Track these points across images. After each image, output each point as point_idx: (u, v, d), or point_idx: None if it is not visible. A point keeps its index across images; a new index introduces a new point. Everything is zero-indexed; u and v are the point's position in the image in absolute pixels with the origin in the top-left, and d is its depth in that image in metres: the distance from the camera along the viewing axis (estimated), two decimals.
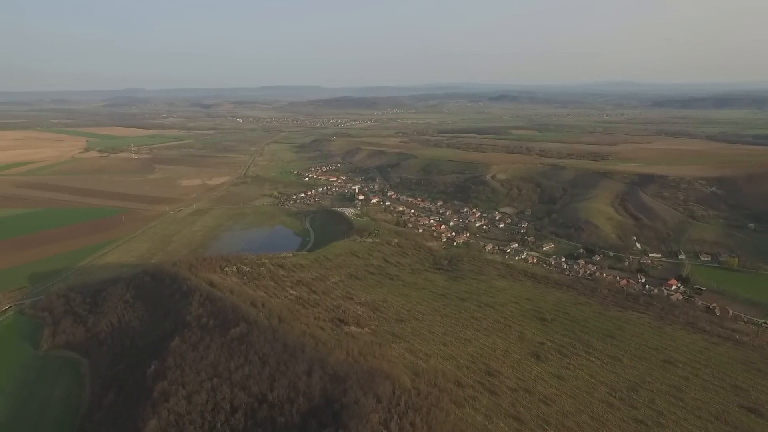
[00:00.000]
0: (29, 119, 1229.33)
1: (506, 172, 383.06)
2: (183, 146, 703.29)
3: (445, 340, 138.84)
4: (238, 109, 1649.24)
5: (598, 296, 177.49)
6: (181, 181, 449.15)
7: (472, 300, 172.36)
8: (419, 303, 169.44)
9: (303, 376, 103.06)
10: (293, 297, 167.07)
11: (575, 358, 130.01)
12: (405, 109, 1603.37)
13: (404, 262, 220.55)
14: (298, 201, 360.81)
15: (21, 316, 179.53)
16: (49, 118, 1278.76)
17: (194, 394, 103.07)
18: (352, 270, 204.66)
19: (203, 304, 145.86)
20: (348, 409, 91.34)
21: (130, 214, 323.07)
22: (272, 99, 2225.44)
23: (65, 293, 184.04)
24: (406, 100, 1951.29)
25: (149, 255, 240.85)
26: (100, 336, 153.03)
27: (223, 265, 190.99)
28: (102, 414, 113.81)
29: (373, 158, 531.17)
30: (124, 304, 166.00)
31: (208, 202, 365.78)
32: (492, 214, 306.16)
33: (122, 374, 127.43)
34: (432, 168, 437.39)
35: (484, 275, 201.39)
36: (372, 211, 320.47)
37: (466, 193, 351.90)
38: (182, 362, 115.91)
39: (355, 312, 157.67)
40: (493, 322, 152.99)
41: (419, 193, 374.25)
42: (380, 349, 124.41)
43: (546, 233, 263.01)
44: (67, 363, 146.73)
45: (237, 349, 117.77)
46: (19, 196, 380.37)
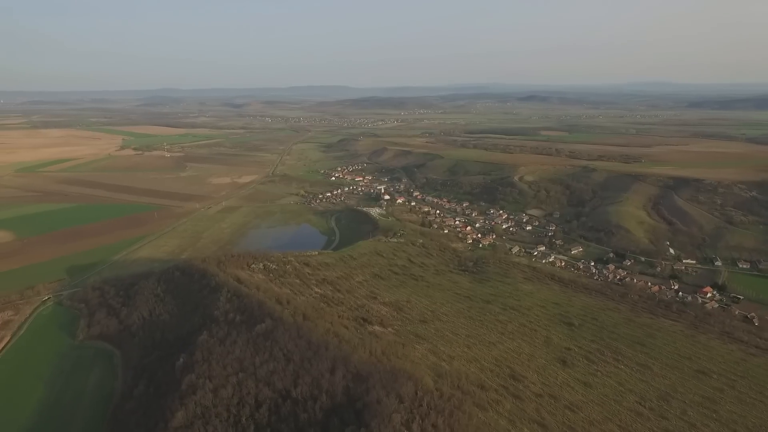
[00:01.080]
0: (70, 118, 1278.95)
1: (534, 173, 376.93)
2: (214, 145, 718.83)
3: (468, 343, 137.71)
4: (267, 109, 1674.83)
5: (628, 302, 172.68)
6: (212, 179, 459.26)
7: (497, 303, 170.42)
8: (443, 304, 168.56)
9: (326, 373, 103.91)
10: (318, 295, 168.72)
11: (603, 365, 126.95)
12: (432, 109, 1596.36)
13: (429, 263, 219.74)
14: (324, 200, 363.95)
15: (59, 306, 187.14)
16: (88, 117, 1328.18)
17: (220, 388, 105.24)
18: (376, 270, 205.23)
19: (230, 299, 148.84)
20: (370, 408, 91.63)
21: (163, 210, 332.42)
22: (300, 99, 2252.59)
23: (100, 286, 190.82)
24: (433, 101, 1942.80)
25: (179, 251, 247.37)
26: (132, 328, 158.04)
27: (250, 262, 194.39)
28: (133, 403, 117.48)
29: (400, 158, 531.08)
30: (155, 297, 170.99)
31: (236, 199, 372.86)
32: (519, 216, 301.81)
33: (152, 366, 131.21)
34: (458, 169, 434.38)
35: (509, 278, 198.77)
36: (397, 211, 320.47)
37: (493, 194, 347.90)
38: (209, 356, 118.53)
39: (378, 311, 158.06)
40: (519, 326, 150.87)
41: (445, 194, 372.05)
42: (403, 349, 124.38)
43: (574, 236, 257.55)
44: (100, 353, 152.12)
45: (262, 345, 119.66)
46: (59, 191, 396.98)
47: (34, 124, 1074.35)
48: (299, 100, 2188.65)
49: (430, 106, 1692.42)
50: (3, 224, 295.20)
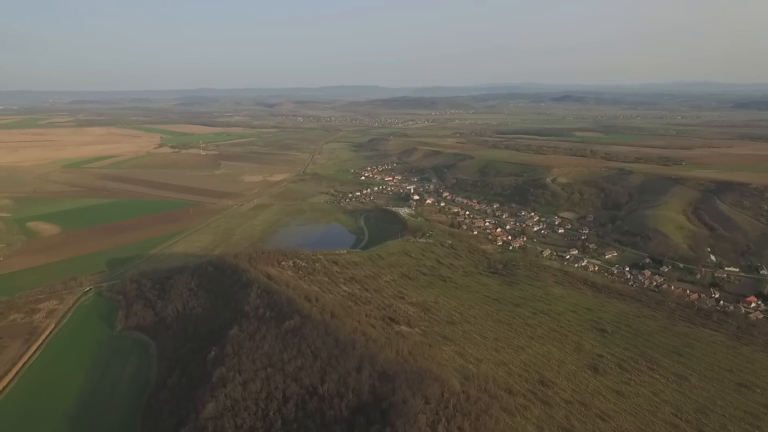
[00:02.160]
0: (112, 117, 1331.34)
1: (568, 175, 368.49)
2: (247, 144, 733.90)
3: (497, 346, 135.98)
4: (299, 109, 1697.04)
5: (665, 310, 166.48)
6: (244, 177, 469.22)
7: (526, 306, 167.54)
8: (471, 306, 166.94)
9: (353, 372, 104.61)
10: (346, 293, 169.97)
11: (637, 374, 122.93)
12: (463, 109, 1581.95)
13: (457, 264, 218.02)
14: (353, 199, 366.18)
15: (100, 297, 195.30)
16: (129, 115, 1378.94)
17: (249, 382, 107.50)
18: (404, 269, 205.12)
19: (261, 295, 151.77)
20: (396, 408, 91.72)
21: (197, 207, 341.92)
22: (332, 98, 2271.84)
23: (137, 279, 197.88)
24: (464, 101, 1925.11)
25: (213, 246, 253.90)
26: (167, 320, 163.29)
27: (280, 259, 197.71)
28: (166, 393, 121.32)
29: (429, 158, 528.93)
30: (188, 291, 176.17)
31: (268, 197, 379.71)
32: (551, 219, 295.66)
33: (185, 358, 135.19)
34: (489, 169, 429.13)
35: (540, 281, 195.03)
36: (426, 211, 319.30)
37: (524, 196, 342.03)
38: (239, 350, 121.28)
39: (406, 311, 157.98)
40: (549, 331, 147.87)
41: (475, 195, 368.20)
42: (430, 350, 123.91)
43: (609, 240, 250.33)
44: (137, 344, 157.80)
45: (291, 341, 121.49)
46: (102, 187, 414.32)
47: (80, 122, 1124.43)
48: (331, 99, 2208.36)
49: (462, 106, 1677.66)
50: (50, 218, 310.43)
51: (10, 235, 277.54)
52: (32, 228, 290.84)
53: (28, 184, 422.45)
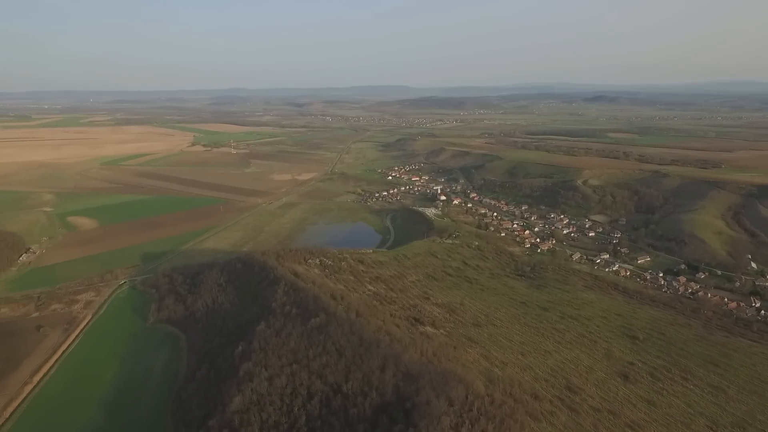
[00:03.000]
0: (148, 116, 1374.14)
1: (599, 177, 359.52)
2: (276, 143, 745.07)
3: (523, 350, 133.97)
4: (328, 108, 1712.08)
5: (701, 318, 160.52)
6: (273, 175, 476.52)
7: (554, 310, 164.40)
8: (498, 309, 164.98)
9: (377, 371, 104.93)
10: (371, 293, 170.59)
11: (670, 384, 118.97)
12: (492, 109, 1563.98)
13: (484, 266, 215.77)
14: (380, 199, 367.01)
15: (134, 290, 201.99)
16: (164, 115, 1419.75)
17: (275, 377, 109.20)
18: (430, 270, 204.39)
19: (287, 292, 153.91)
20: (419, 408, 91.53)
21: (228, 204, 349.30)
22: (360, 98, 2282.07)
23: (169, 273, 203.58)
24: (493, 101, 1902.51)
25: (242, 243, 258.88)
26: (197, 315, 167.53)
27: (307, 257, 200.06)
28: (195, 386, 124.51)
29: (457, 159, 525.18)
30: (218, 287, 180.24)
31: (296, 196, 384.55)
32: (581, 222, 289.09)
33: (213, 351, 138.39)
34: (518, 171, 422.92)
35: (569, 285, 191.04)
36: (453, 212, 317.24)
37: (554, 198, 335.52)
38: (266, 346, 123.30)
39: (431, 312, 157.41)
40: (577, 336, 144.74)
41: (503, 196, 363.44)
42: (455, 352, 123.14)
43: (642, 245, 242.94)
44: (168, 336, 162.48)
45: (316, 338, 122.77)
46: (137, 184, 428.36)
47: (118, 121, 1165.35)
48: (359, 99, 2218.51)
49: (491, 107, 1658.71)
50: (89, 213, 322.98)
51: (52, 228, 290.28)
52: (72, 222, 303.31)
53: (70, 180, 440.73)
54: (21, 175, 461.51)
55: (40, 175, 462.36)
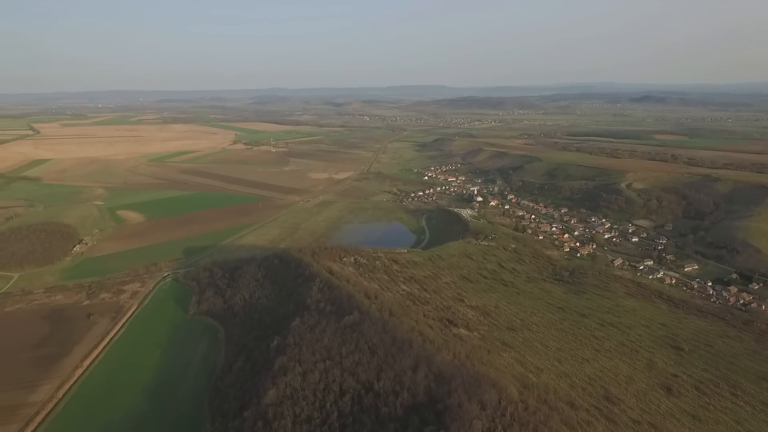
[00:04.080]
0: (193, 115, 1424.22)
1: (645, 180, 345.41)
2: (314, 142, 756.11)
3: (559, 356, 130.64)
4: (365, 108, 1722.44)
5: (754, 331, 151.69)
6: (311, 174, 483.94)
7: (593, 317, 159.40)
8: (534, 313, 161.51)
9: (409, 371, 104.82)
10: (404, 292, 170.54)
11: (717, 399, 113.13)
12: (532, 109, 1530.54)
13: (520, 269, 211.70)
14: (416, 199, 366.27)
15: (176, 282, 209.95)
16: (208, 114, 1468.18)
17: (308, 373, 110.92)
18: (464, 272, 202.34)
19: (322, 290, 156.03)
20: (451, 411, 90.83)
21: (266, 201, 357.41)
22: (398, 98, 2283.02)
23: (210, 267, 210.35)
24: (534, 101, 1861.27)
25: (279, 240, 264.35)
26: (235, 308, 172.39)
27: (342, 255, 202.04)
28: (232, 377, 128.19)
29: (495, 160, 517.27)
30: (255, 282, 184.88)
31: (333, 195, 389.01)
32: (624, 226, 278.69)
33: (250, 345, 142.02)
34: (558, 172, 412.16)
35: (609, 292, 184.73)
36: (490, 213, 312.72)
37: (596, 201, 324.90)
38: (300, 341, 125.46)
39: (465, 314, 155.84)
40: (617, 344, 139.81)
41: (542, 199, 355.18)
42: (488, 355, 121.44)
43: (689, 252, 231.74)
44: (207, 328, 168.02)
45: (349, 336, 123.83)
46: (182, 180, 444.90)
47: (165, 120, 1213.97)
48: (396, 99, 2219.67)
49: (531, 107, 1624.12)
50: (137, 207, 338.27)
51: (103, 221, 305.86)
52: (121, 216, 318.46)
53: (120, 176, 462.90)
54: (76, 170, 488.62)
55: (93, 171, 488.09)
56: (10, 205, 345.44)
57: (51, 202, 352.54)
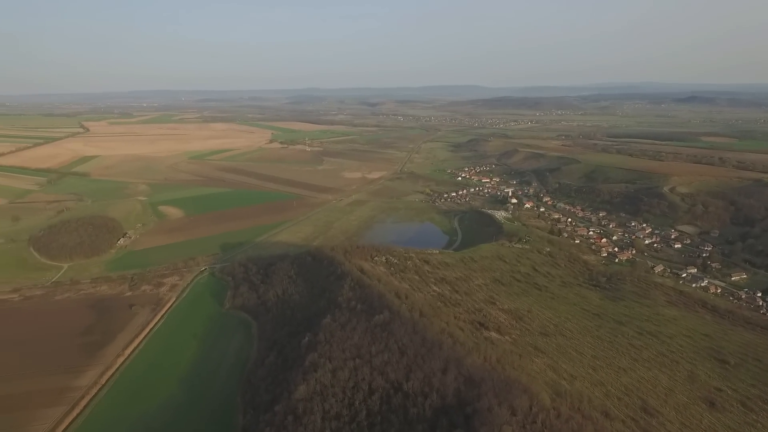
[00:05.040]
0: (232, 114, 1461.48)
1: (689, 185, 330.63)
2: (348, 141, 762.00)
3: (594, 364, 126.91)
4: (400, 108, 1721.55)
5: None
6: (344, 173, 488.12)
7: (631, 325, 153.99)
8: (568, 319, 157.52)
9: (438, 372, 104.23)
10: (435, 293, 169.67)
11: (765, 416, 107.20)
12: (571, 110, 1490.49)
13: (555, 273, 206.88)
14: (448, 200, 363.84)
15: (212, 277, 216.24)
16: (246, 113, 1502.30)
17: (338, 370, 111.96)
18: (497, 274, 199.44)
19: (353, 288, 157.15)
20: (480, 415, 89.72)
21: (300, 200, 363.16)
22: (433, 98, 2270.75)
23: (245, 263, 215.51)
24: (572, 101, 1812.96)
25: (312, 238, 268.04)
26: (268, 304, 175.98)
27: (373, 254, 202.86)
28: (263, 371, 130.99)
29: (531, 161, 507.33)
30: (288, 278, 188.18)
31: (365, 194, 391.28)
32: (666, 232, 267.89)
33: (282, 340, 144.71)
34: (597, 175, 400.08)
35: (649, 299, 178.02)
36: (524, 216, 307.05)
37: (636, 205, 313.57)
38: (331, 339, 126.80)
39: (496, 318, 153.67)
40: (656, 354, 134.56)
41: (579, 202, 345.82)
42: (520, 360, 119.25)
43: (737, 260, 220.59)
44: (241, 322, 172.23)
45: (379, 335, 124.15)
46: (219, 177, 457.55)
47: (205, 119, 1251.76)
48: (431, 99, 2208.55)
49: (569, 107, 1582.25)
50: (177, 203, 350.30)
51: (145, 216, 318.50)
52: (162, 211, 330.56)
53: (161, 173, 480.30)
54: (121, 167, 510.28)
55: (136, 167, 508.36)
56: (61, 199, 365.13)
57: (98, 197, 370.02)
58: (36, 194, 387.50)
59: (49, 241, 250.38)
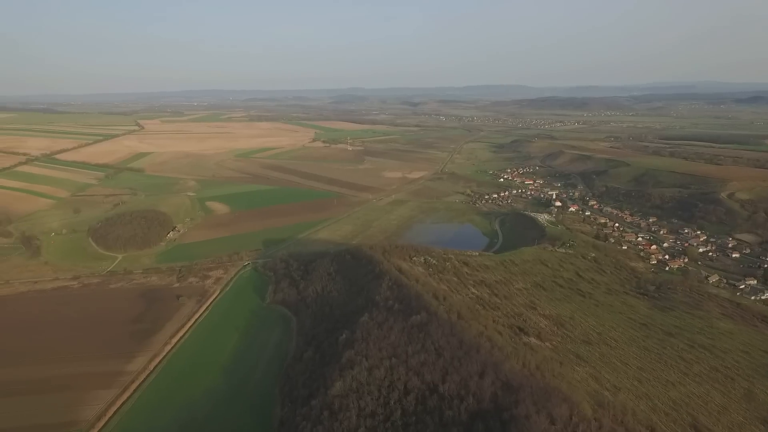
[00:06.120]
0: (277, 113, 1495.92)
1: (751, 190, 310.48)
2: (390, 141, 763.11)
3: (640, 376, 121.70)
4: (442, 108, 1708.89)
5: None
6: (385, 172, 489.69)
7: (682, 337, 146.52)
8: (613, 328, 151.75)
9: (475, 376, 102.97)
10: (474, 296, 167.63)
11: None
12: (621, 111, 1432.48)
13: (600, 280, 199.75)
14: (489, 201, 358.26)
15: (255, 271, 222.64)
16: (291, 112, 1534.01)
17: (374, 368, 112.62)
18: (538, 279, 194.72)
19: (391, 287, 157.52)
20: (518, 422, 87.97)
21: (341, 198, 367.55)
22: (475, 98, 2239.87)
23: (286, 259, 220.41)
24: (623, 101, 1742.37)
25: (351, 236, 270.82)
26: (307, 300, 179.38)
27: (412, 254, 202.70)
28: (301, 366, 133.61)
29: (577, 163, 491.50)
30: (327, 276, 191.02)
31: (405, 194, 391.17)
32: (723, 240, 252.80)
33: (320, 336, 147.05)
34: (647, 179, 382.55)
35: (702, 311, 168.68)
36: (568, 219, 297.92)
37: (690, 211, 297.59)
38: (368, 337, 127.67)
39: (537, 323, 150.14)
40: (709, 369, 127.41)
41: (627, 206, 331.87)
42: (560, 368, 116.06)
43: None
44: (281, 317, 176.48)
45: (416, 335, 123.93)
46: (264, 175, 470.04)
47: (251, 118, 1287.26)
48: (474, 99, 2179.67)
49: (619, 108, 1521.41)
50: (223, 199, 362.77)
51: (194, 211, 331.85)
52: (209, 206, 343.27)
53: (209, 170, 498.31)
54: (172, 164, 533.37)
55: (186, 164, 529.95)
56: (117, 193, 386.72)
57: (151, 192, 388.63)
58: (95, 188, 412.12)
59: (105, 233, 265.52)
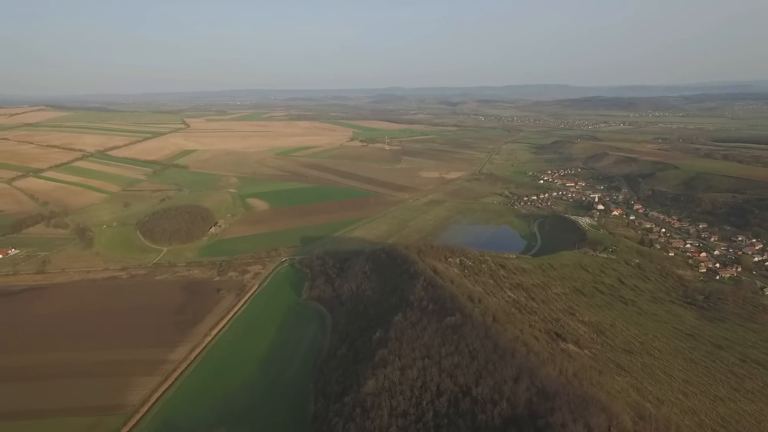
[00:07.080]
0: (316, 112, 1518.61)
1: None
2: (427, 141, 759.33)
3: (686, 390, 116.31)
4: (481, 108, 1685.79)
5: None
6: (422, 172, 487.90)
7: (733, 350, 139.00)
8: (657, 338, 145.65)
9: (509, 381, 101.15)
10: (510, 299, 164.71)
11: None
12: (670, 111, 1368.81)
13: (644, 287, 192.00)
14: (528, 203, 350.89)
15: (292, 268, 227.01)
16: (329, 111, 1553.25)
17: (407, 368, 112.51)
18: (578, 284, 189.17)
19: (426, 288, 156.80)
20: (553, 430, 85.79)
21: (377, 197, 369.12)
22: (516, 98, 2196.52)
23: (322, 256, 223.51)
24: (672, 101, 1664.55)
25: (387, 235, 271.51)
26: (342, 297, 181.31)
27: (447, 255, 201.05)
28: (335, 362, 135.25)
29: (621, 165, 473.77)
30: (362, 274, 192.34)
31: (442, 194, 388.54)
32: None
33: (354, 334, 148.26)
34: (698, 183, 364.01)
35: (755, 323, 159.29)
36: (611, 224, 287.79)
37: (744, 217, 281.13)
38: (401, 336, 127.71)
39: (575, 330, 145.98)
40: (763, 386, 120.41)
41: (675, 211, 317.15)
42: (599, 376, 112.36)
43: None
44: (316, 313, 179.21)
45: (450, 337, 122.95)
46: (302, 173, 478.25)
47: (291, 117, 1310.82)
48: (514, 99, 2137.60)
49: (668, 108, 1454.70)
50: (263, 196, 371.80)
51: (234, 207, 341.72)
52: (250, 203, 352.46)
53: (250, 167, 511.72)
54: (215, 161, 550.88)
55: (228, 161, 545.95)
56: (164, 188, 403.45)
57: (195, 188, 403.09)
58: (143, 183, 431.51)
59: (152, 226, 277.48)
